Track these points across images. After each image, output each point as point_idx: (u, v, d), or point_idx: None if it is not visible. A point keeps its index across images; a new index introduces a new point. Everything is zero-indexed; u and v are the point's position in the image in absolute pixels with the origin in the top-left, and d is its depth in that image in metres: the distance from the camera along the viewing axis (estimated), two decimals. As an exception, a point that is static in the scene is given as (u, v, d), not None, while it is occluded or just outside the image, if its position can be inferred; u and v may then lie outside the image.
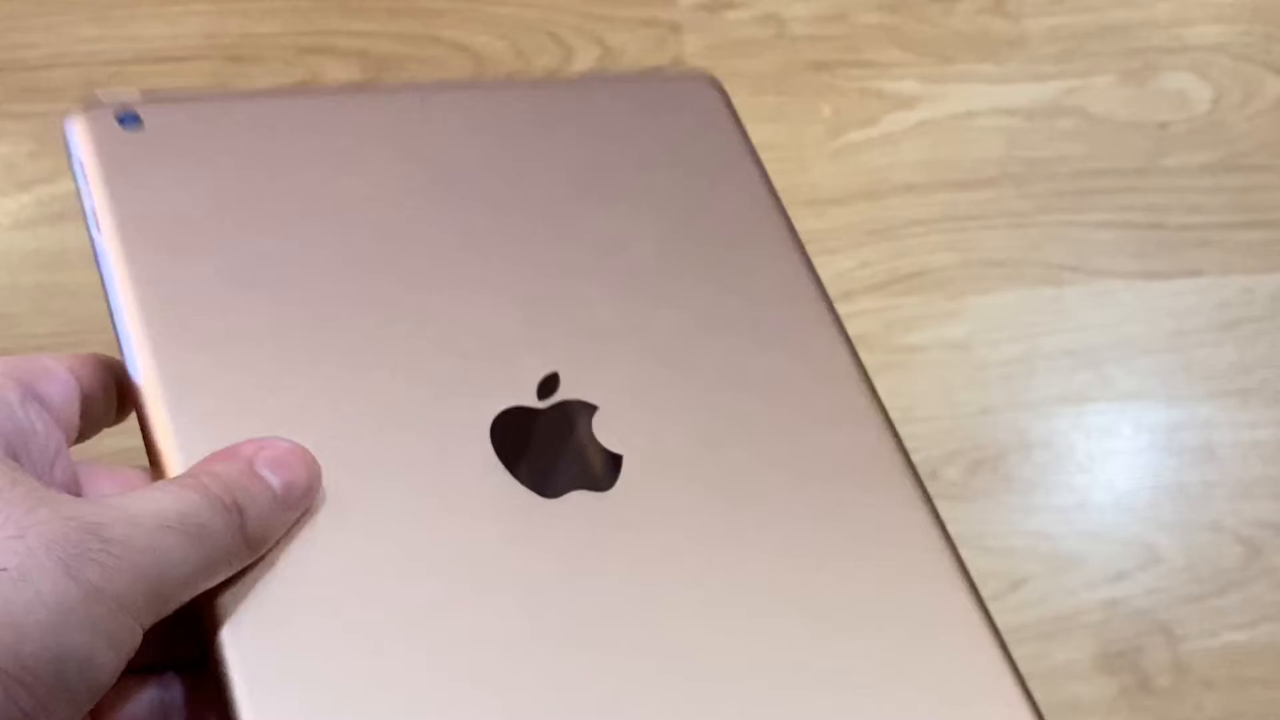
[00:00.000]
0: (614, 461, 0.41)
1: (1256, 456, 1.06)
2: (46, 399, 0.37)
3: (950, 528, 1.01)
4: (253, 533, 0.34)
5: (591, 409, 0.42)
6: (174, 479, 0.35)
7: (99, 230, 0.40)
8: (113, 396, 0.39)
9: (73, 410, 0.38)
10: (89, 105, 0.42)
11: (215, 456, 0.36)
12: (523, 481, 0.40)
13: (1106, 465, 1.06)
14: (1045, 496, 1.05)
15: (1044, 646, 1.02)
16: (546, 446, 0.41)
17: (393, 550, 0.39)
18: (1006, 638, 1.05)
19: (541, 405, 0.41)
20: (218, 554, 0.34)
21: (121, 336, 0.39)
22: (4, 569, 0.30)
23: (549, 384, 0.42)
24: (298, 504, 0.36)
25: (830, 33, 1.11)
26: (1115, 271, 1.09)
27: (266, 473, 0.35)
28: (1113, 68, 1.12)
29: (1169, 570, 1.04)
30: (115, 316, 0.39)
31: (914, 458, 0.45)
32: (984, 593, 1.01)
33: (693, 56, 1.09)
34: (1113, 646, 1.02)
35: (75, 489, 0.37)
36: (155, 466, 0.37)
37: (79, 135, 0.41)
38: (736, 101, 1.09)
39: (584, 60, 1.08)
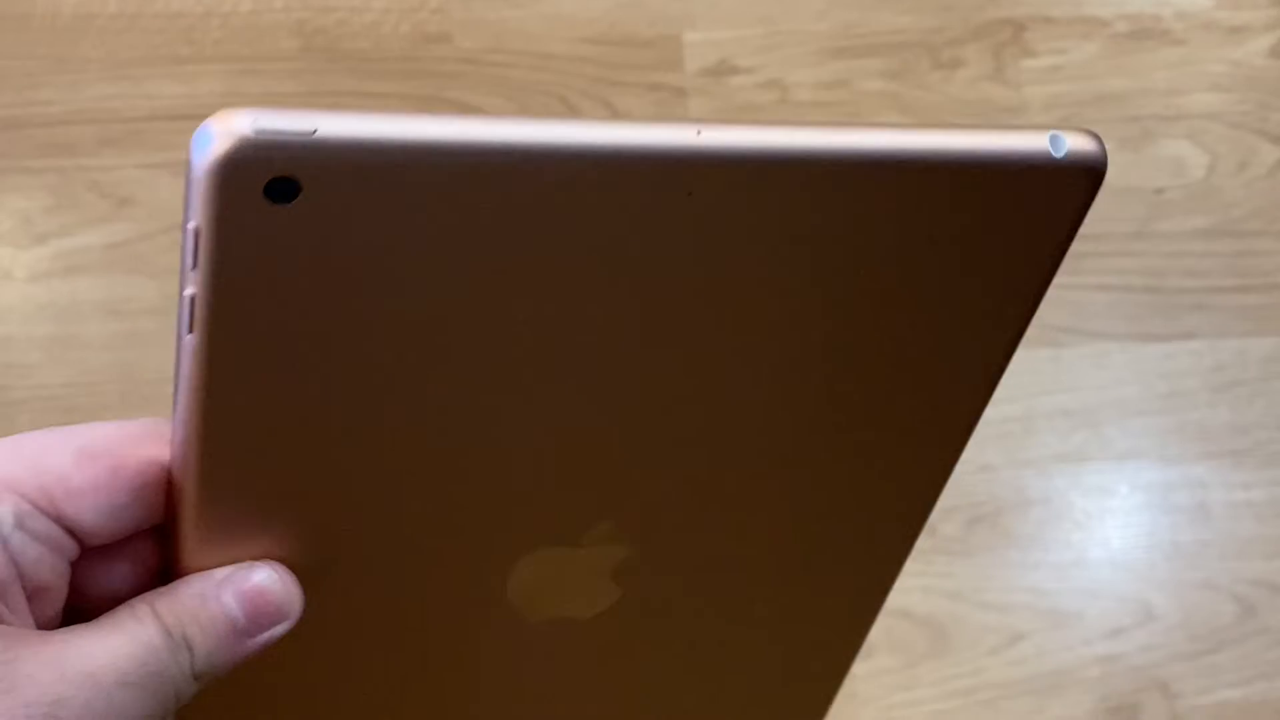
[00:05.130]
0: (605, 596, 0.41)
1: (1250, 516, 1.07)
2: (61, 515, 0.34)
3: (947, 583, 1.03)
4: (200, 670, 0.34)
5: (620, 555, 0.40)
6: (132, 610, 0.34)
7: (188, 328, 0.29)
8: (154, 499, 0.35)
9: (89, 525, 0.34)
10: (238, 146, 0.27)
11: (188, 579, 0.35)
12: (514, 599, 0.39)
13: (1103, 523, 1.07)
14: (1042, 553, 1.05)
15: (1041, 701, 1.02)
16: (553, 577, 0.39)
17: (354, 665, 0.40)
18: (1003, 692, 1.06)
19: (579, 550, 0.39)
20: (169, 696, 0.34)
21: (175, 440, 0.33)
22: None
23: (596, 535, 0.39)
24: (260, 633, 0.35)
25: (833, 98, 1.12)
26: (1112, 333, 1.10)
27: (231, 602, 0.35)
28: (1110, 134, 1.14)
29: (1164, 628, 1.05)
30: (176, 413, 0.32)
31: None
32: (981, 648, 1.02)
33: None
34: (1109, 702, 1.03)
35: (55, 614, 0.35)
36: (172, 545, 0.35)
37: (211, 191, 0.27)
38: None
39: (592, 122, 1.10)
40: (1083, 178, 0.32)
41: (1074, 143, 0.32)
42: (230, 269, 0.29)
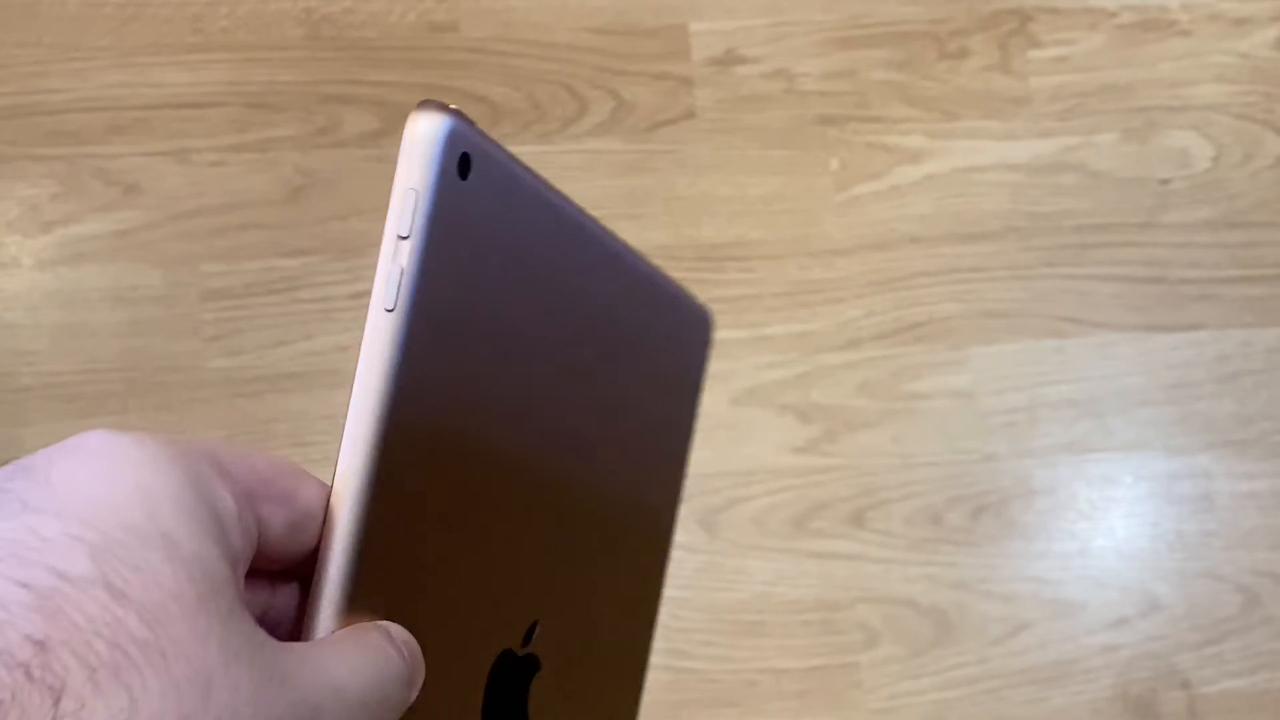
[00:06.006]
0: None
1: (1254, 506, 1.07)
2: (259, 518, 0.34)
3: (952, 573, 1.03)
4: (406, 704, 0.34)
5: (535, 668, 0.42)
6: (360, 636, 0.34)
7: (390, 303, 0.34)
8: (314, 530, 0.35)
9: (272, 534, 0.34)
10: (452, 122, 0.34)
11: (370, 624, 0.34)
12: None
13: (1107, 513, 1.07)
14: (1047, 543, 1.06)
15: (1044, 691, 1.03)
16: (498, 700, 0.40)
17: None
18: (1007, 682, 1.06)
19: (521, 652, 0.41)
20: None
21: (347, 430, 0.34)
22: None
23: (530, 632, 0.41)
24: (412, 692, 0.35)
25: (839, 88, 1.12)
26: (1117, 324, 1.10)
27: (404, 653, 0.34)
28: (1115, 125, 1.14)
29: (1169, 617, 1.05)
30: (351, 416, 0.34)
31: (917, 503, 0.48)
32: (985, 638, 1.02)
33: (704, 110, 1.10)
34: (1113, 692, 1.03)
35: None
36: (312, 586, 0.34)
37: (434, 155, 0.34)
38: (747, 154, 1.11)
39: (598, 112, 1.10)
40: (706, 329, 0.50)
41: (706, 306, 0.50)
42: (436, 232, 0.34)
